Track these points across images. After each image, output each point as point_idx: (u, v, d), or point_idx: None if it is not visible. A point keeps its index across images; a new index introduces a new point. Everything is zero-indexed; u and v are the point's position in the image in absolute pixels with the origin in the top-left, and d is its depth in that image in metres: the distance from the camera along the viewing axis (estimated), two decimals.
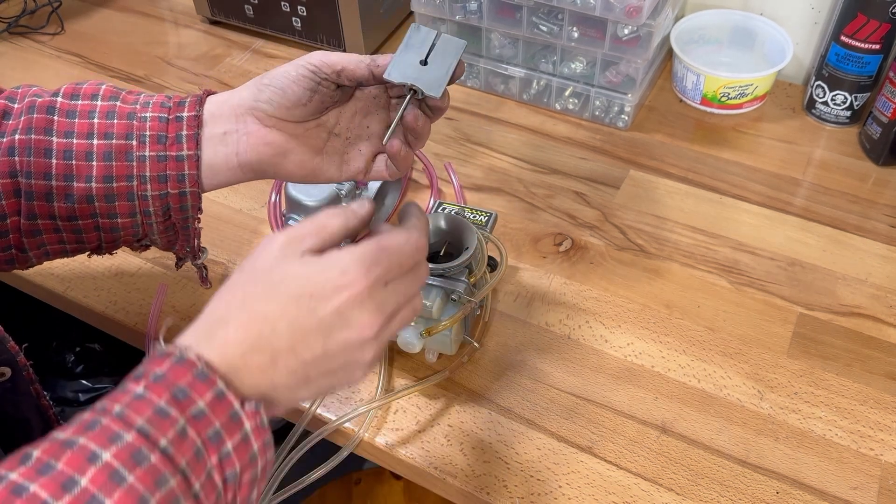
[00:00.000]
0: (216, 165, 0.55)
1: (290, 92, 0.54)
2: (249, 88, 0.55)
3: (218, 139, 0.54)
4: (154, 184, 0.53)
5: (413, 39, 0.54)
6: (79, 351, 1.10)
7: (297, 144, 0.56)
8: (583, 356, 0.67)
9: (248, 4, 1.01)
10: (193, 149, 0.54)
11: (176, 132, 0.53)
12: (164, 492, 0.36)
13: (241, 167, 0.55)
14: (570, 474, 0.59)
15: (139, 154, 0.53)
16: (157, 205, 0.54)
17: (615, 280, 0.73)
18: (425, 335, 0.59)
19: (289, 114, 0.54)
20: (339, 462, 0.62)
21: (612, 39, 0.83)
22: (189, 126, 0.54)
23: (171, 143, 0.53)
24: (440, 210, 0.69)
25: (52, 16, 1.09)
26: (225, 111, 0.55)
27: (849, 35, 0.82)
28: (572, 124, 0.91)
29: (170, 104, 0.54)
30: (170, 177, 0.54)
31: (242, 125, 0.55)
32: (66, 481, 0.35)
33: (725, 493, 0.58)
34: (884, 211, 0.79)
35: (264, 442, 0.41)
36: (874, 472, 0.59)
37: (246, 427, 0.40)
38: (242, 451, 0.40)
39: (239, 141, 0.55)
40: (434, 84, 0.53)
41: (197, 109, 0.54)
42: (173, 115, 0.54)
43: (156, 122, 0.54)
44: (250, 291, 0.43)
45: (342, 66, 0.53)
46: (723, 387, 0.65)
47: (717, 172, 0.84)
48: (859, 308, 0.70)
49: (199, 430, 0.39)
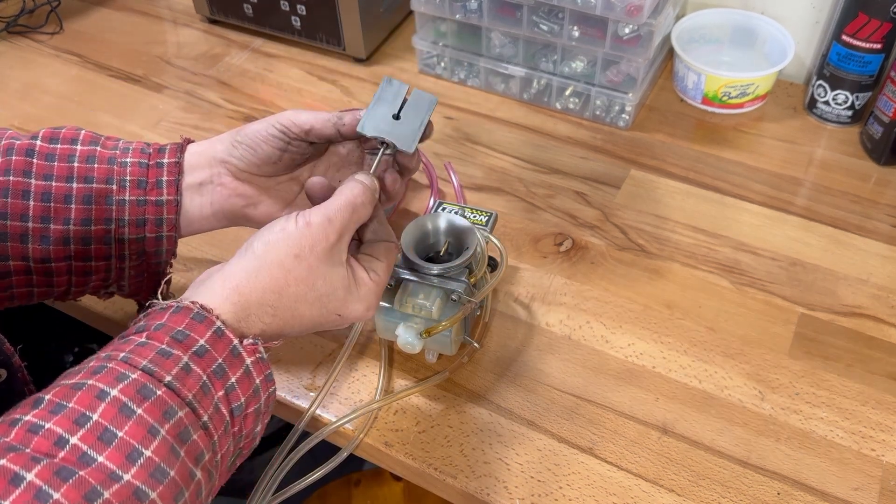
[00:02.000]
0: (191, 213, 0.57)
1: (260, 151, 0.55)
2: (224, 142, 0.57)
3: (195, 189, 0.56)
4: (132, 227, 0.55)
5: (385, 93, 0.54)
6: (77, 351, 1.10)
7: (268, 196, 0.58)
8: (583, 357, 0.67)
9: (247, 4, 1.00)
10: (174, 194, 0.55)
11: (156, 178, 0.55)
12: (173, 422, 0.39)
13: (213, 215, 0.58)
14: (571, 475, 0.59)
15: (119, 198, 0.54)
16: (133, 248, 0.56)
17: (616, 280, 0.73)
18: (425, 335, 0.59)
19: (260, 170, 0.57)
20: (338, 463, 0.61)
21: (612, 38, 0.83)
22: (170, 172, 0.55)
23: (151, 188, 0.55)
24: (440, 210, 0.69)
25: (50, 15, 1.09)
26: (202, 162, 0.57)
27: (850, 34, 0.81)
28: (573, 124, 0.90)
29: (150, 150, 0.56)
30: (148, 221, 0.55)
31: (217, 177, 0.57)
32: (78, 417, 0.37)
33: (726, 493, 0.58)
34: (885, 211, 0.79)
35: (266, 376, 0.45)
36: (875, 472, 0.59)
37: (247, 361, 0.44)
38: (245, 384, 0.44)
39: (213, 191, 0.57)
40: (407, 139, 0.54)
41: (177, 157, 0.56)
42: (154, 161, 0.55)
43: (136, 167, 0.55)
44: (302, 293, 0.48)
45: (310, 126, 0.55)
46: (724, 387, 0.64)
47: (718, 172, 0.84)
48: (861, 308, 0.70)
49: (203, 366, 0.42)
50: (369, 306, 0.51)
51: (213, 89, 0.97)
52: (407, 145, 0.54)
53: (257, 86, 0.97)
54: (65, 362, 1.04)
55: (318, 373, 0.66)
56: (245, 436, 0.45)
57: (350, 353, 0.66)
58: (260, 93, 0.96)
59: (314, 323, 0.49)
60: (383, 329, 0.62)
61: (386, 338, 0.65)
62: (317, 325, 0.50)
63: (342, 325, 0.52)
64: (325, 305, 0.49)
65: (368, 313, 0.52)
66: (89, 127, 0.93)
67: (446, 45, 0.94)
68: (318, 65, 1.00)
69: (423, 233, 0.63)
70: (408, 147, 0.54)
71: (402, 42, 1.03)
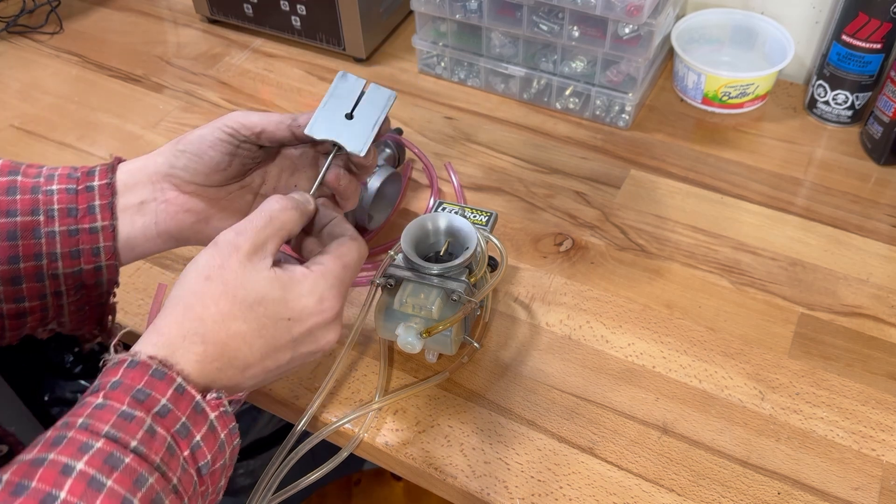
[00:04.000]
0: (134, 237, 0.52)
1: (207, 157, 0.51)
2: (164, 154, 0.52)
3: (135, 209, 0.52)
4: (66, 261, 0.50)
5: (339, 90, 0.51)
6: (77, 351, 1.10)
7: (219, 209, 0.53)
8: (583, 356, 0.67)
9: (247, 3, 1.00)
10: (108, 219, 0.50)
11: (87, 203, 0.50)
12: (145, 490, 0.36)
13: (160, 236, 0.53)
14: (571, 475, 0.59)
15: (48, 230, 0.49)
16: (70, 283, 0.51)
17: (616, 280, 0.73)
18: (425, 335, 0.59)
19: (208, 179, 0.52)
20: (338, 463, 0.61)
21: (612, 38, 0.83)
22: (102, 195, 0.50)
23: (83, 216, 0.50)
24: (440, 210, 0.69)
25: (50, 15, 1.09)
26: (140, 179, 0.52)
27: (850, 34, 0.81)
28: (573, 124, 0.90)
29: (77, 174, 0.51)
30: (83, 251, 0.50)
31: (160, 193, 0.52)
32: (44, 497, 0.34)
33: (727, 493, 0.58)
34: (885, 211, 0.79)
35: (230, 429, 0.43)
36: (875, 472, 0.59)
37: (211, 417, 0.41)
38: (211, 440, 0.41)
39: (157, 210, 0.52)
40: (358, 141, 0.50)
41: (109, 177, 0.51)
42: (83, 186, 0.50)
43: (64, 194, 0.50)
44: (226, 310, 0.43)
45: (261, 128, 0.50)
46: (724, 387, 0.64)
47: (718, 172, 0.84)
48: (861, 308, 0.70)
49: (167, 426, 0.39)
50: (321, 297, 0.46)
51: (213, 89, 0.97)
52: (358, 147, 0.50)
53: (257, 86, 0.97)
54: (65, 362, 1.04)
55: (318, 373, 0.66)
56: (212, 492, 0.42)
57: (350, 353, 0.66)
58: (260, 93, 0.96)
59: (267, 342, 0.45)
60: (383, 329, 0.62)
61: (386, 338, 0.65)
62: (272, 344, 0.45)
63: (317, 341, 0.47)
64: (263, 314, 0.44)
65: (324, 306, 0.46)
66: (90, 127, 0.94)
67: (446, 45, 0.94)
68: (317, 65, 1.00)
69: (423, 233, 0.63)
70: (358, 150, 0.50)
71: (402, 42, 1.03)
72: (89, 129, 0.92)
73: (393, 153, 0.81)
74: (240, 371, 0.44)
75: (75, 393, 1.04)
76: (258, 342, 0.44)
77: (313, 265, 0.47)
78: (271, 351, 0.45)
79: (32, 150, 0.89)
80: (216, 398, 0.42)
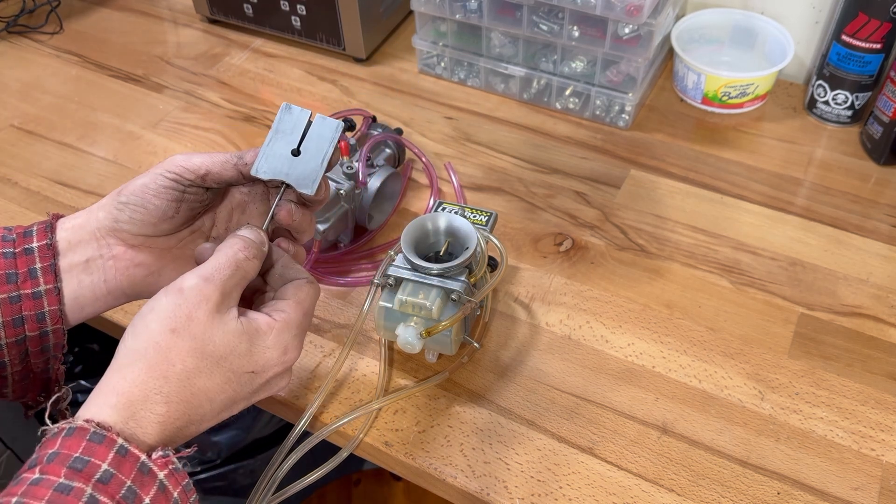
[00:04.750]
0: (82, 297, 0.49)
1: (152, 207, 0.48)
2: (106, 208, 0.49)
3: (80, 268, 0.49)
4: (9, 329, 0.47)
5: (284, 124, 0.48)
6: (77, 351, 1.10)
7: (171, 259, 0.51)
8: (583, 356, 0.67)
9: (247, 3, 1.00)
10: (52, 282, 0.47)
11: (28, 266, 0.47)
12: None
13: (111, 294, 0.50)
14: (571, 475, 0.59)
15: None
16: (14, 353, 0.48)
17: (616, 280, 0.73)
18: (425, 335, 0.59)
19: (156, 230, 0.49)
20: (338, 463, 0.61)
21: (612, 38, 0.83)
22: (42, 257, 0.47)
23: (24, 280, 0.47)
24: (440, 210, 0.69)
25: (50, 15, 1.09)
26: (84, 236, 0.49)
27: (850, 34, 0.81)
28: (573, 124, 0.90)
29: (12, 236, 0.48)
30: (27, 318, 0.47)
31: (106, 249, 0.49)
32: None
33: (726, 493, 0.58)
34: (885, 211, 0.79)
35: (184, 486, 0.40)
36: (875, 472, 0.59)
37: (159, 476, 0.39)
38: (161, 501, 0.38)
39: (105, 267, 0.49)
40: (307, 179, 0.48)
41: (48, 237, 0.48)
42: (21, 248, 0.47)
43: (0, 258, 0.47)
44: (192, 366, 0.42)
45: (206, 170, 0.47)
46: (724, 387, 0.64)
47: (718, 172, 0.84)
48: (860, 308, 0.70)
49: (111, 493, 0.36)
50: (286, 349, 0.45)
51: (213, 89, 0.97)
52: (307, 186, 0.48)
53: (257, 86, 0.97)
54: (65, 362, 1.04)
55: (318, 373, 0.66)
56: None
57: (350, 353, 0.66)
58: (260, 93, 0.96)
59: (229, 396, 0.43)
60: (383, 329, 0.62)
61: (386, 338, 0.65)
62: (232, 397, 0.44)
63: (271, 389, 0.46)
64: (229, 369, 0.43)
65: (287, 357, 0.45)
66: (90, 127, 0.94)
67: (446, 45, 0.94)
68: (317, 65, 1.00)
69: (423, 233, 0.63)
70: (308, 188, 0.48)
71: (402, 42, 1.03)
72: (89, 129, 0.92)
73: (393, 153, 0.81)
74: (197, 425, 0.43)
75: (75, 393, 1.04)
76: (220, 397, 0.43)
77: (275, 313, 0.45)
78: (230, 403, 0.44)
79: (32, 150, 0.89)
80: (162, 456, 0.39)
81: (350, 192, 0.72)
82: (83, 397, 1.06)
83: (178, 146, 0.89)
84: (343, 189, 0.71)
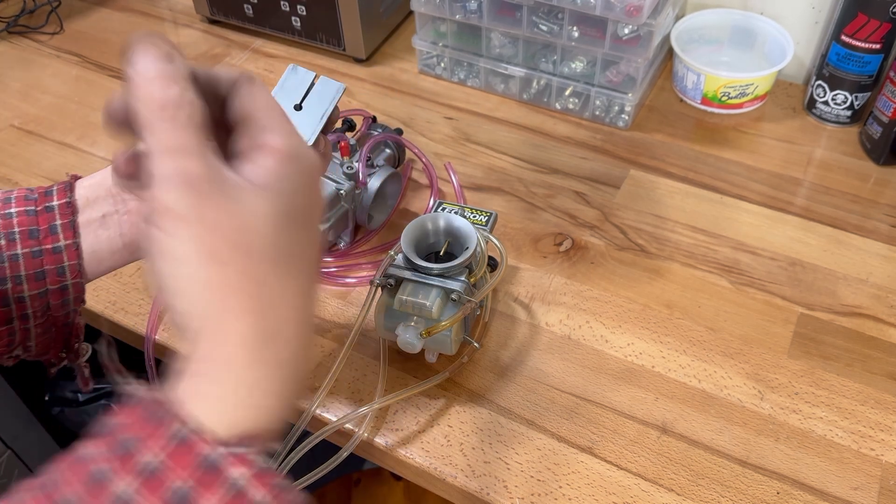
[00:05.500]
0: (99, 251, 0.51)
1: None
2: None
3: (98, 223, 0.51)
4: (31, 283, 0.49)
5: (289, 82, 0.51)
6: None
7: None
8: (583, 356, 0.67)
9: (247, 4, 1.00)
10: (71, 237, 0.50)
11: (49, 223, 0.50)
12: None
13: (126, 248, 0.52)
14: (571, 475, 0.59)
15: (10, 253, 0.49)
16: (37, 305, 0.50)
17: (615, 280, 0.73)
18: (425, 335, 0.59)
19: None
20: (338, 462, 0.61)
21: (612, 39, 0.83)
22: (63, 214, 0.50)
23: (45, 236, 0.50)
24: (440, 210, 0.69)
25: (51, 15, 1.09)
26: (101, 193, 0.51)
27: (849, 35, 0.82)
28: (572, 124, 0.90)
29: (35, 196, 0.51)
30: (48, 272, 0.50)
31: (122, 204, 0.51)
32: None
33: (726, 493, 0.58)
34: (884, 211, 0.79)
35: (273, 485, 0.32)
36: (875, 472, 0.59)
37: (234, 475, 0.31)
38: None
39: (121, 221, 0.51)
40: (305, 130, 0.50)
41: (68, 196, 0.51)
42: (42, 206, 0.50)
43: (24, 216, 0.50)
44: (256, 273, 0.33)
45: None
46: (723, 387, 0.64)
47: (718, 172, 0.84)
48: (860, 308, 0.70)
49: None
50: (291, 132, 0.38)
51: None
52: (304, 137, 0.48)
53: None
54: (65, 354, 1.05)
55: (318, 373, 0.66)
56: None
57: (350, 353, 0.66)
58: None
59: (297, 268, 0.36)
60: (383, 329, 0.62)
61: (386, 338, 0.65)
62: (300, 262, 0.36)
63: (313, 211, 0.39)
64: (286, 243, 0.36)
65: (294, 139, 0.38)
66: (90, 127, 0.94)
67: (446, 46, 0.94)
68: (318, 65, 1.00)
69: (423, 233, 0.63)
70: (304, 139, 0.49)
71: (402, 42, 1.03)
72: (89, 129, 0.92)
73: (393, 153, 0.81)
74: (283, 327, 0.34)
75: (75, 393, 1.04)
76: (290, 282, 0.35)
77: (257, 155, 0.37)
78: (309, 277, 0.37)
79: (32, 150, 0.89)
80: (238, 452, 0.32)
81: (350, 192, 0.72)
82: (83, 397, 1.06)
83: None
84: (343, 189, 0.71)
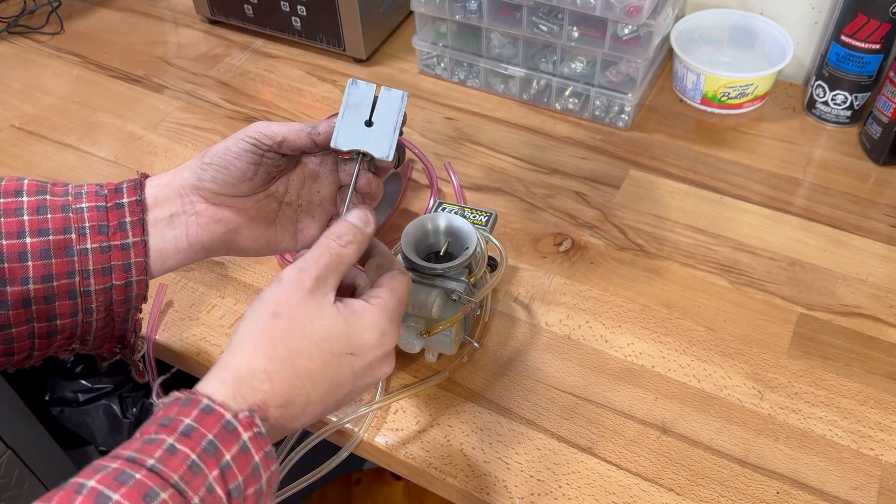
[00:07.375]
0: (165, 250, 0.53)
1: (233, 168, 0.52)
2: (191, 168, 0.53)
3: (165, 222, 0.53)
4: (98, 277, 0.51)
5: (352, 98, 0.52)
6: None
7: (248, 219, 0.54)
8: (583, 356, 0.67)
9: (247, 4, 1.01)
10: (140, 235, 0.51)
11: (118, 220, 0.51)
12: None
13: (191, 248, 0.54)
14: (571, 474, 0.59)
15: (80, 247, 0.50)
16: (101, 300, 0.52)
17: (615, 280, 0.73)
18: (425, 335, 0.59)
19: (235, 189, 0.53)
20: (338, 462, 0.61)
21: (612, 39, 0.83)
22: (132, 212, 0.51)
23: (115, 232, 0.51)
24: (440, 210, 0.69)
25: (51, 15, 1.09)
26: (169, 194, 0.53)
27: (849, 35, 0.82)
28: (572, 124, 0.91)
29: (105, 192, 0.52)
30: (115, 268, 0.51)
31: (189, 206, 0.53)
32: None
33: (726, 493, 0.58)
34: (884, 211, 0.79)
35: (266, 452, 0.42)
36: (874, 472, 0.59)
37: (243, 437, 0.41)
38: (242, 461, 0.41)
39: (188, 222, 0.53)
40: (383, 146, 0.52)
41: (138, 194, 0.52)
42: (112, 203, 0.51)
43: (94, 211, 0.51)
44: (294, 346, 0.45)
45: (283, 137, 0.51)
46: (723, 387, 0.64)
47: (718, 172, 0.84)
48: (859, 308, 0.70)
49: (192, 445, 0.39)
50: (383, 331, 0.47)
51: (213, 90, 0.97)
52: (383, 153, 0.52)
53: (258, 86, 0.97)
54: (66, 361, 1.05)
55: None
56: None
57: None
58: (260, 93, 0.96)
59: (330, 378, 0.46)
60: None
61: None
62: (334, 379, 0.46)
63: (375, 374, 0.48)
64: (328, 350, 0.45)
65: (385, 339, 0.48)
66: (91, 127, 0.94)
67: (446, 46, 0.94)
68: (318, 65, 1.00)
69: (423, 233, 0.63)
70: (385, 154, 0.52)
71: (402, 42, 1.03)
72: (90, 130, 0.92)
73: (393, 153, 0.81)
74: (301, 408, 0.45)
75: (76, 392, 1.04)
76: (321, 378, 0.45)
77: (372, 299, 0.48)
78: (333, 387, 0.46)
79: (33, 151, 0.89)
80: (248, 416, 0.41)
81: None
82: (83, 396, 1.06)
83: (179, 147, 0.89)
84: None
